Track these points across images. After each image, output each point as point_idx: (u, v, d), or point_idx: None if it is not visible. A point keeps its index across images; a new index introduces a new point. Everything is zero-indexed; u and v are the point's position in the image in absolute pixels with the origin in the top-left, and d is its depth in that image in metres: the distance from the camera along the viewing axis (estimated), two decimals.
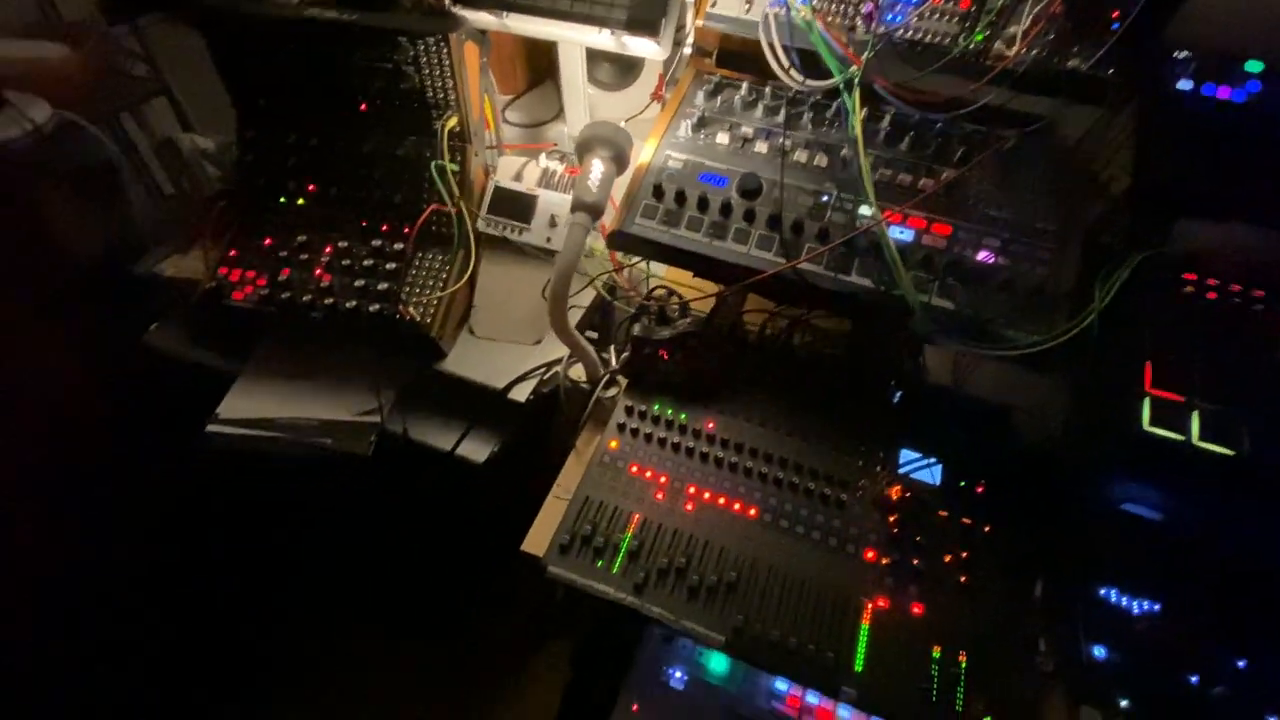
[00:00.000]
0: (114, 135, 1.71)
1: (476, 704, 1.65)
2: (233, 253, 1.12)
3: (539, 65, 1.61)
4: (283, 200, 1.14)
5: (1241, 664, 0.78)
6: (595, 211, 0.89)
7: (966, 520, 0.91)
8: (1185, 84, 0.93)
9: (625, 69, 1.44)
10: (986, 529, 0.91)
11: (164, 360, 1.23)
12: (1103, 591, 0.87)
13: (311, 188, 1.14)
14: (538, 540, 0.93)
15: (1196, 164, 0.91)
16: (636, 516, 0.91)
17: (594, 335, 1.32)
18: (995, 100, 0.93)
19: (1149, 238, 0.90)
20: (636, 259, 1.17)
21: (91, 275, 1.39)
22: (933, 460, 0.97)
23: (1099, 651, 0.83)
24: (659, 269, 1.18)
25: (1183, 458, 0.73)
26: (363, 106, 1.10)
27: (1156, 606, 0.85)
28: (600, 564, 0.87)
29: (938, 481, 0.95)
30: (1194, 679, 0.80)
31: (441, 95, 1.06)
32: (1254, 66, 0.93)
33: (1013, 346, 0.83)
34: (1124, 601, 0.86)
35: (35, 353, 1.28)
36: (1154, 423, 0.75)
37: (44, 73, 1.49)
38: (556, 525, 0.91)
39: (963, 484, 0.95)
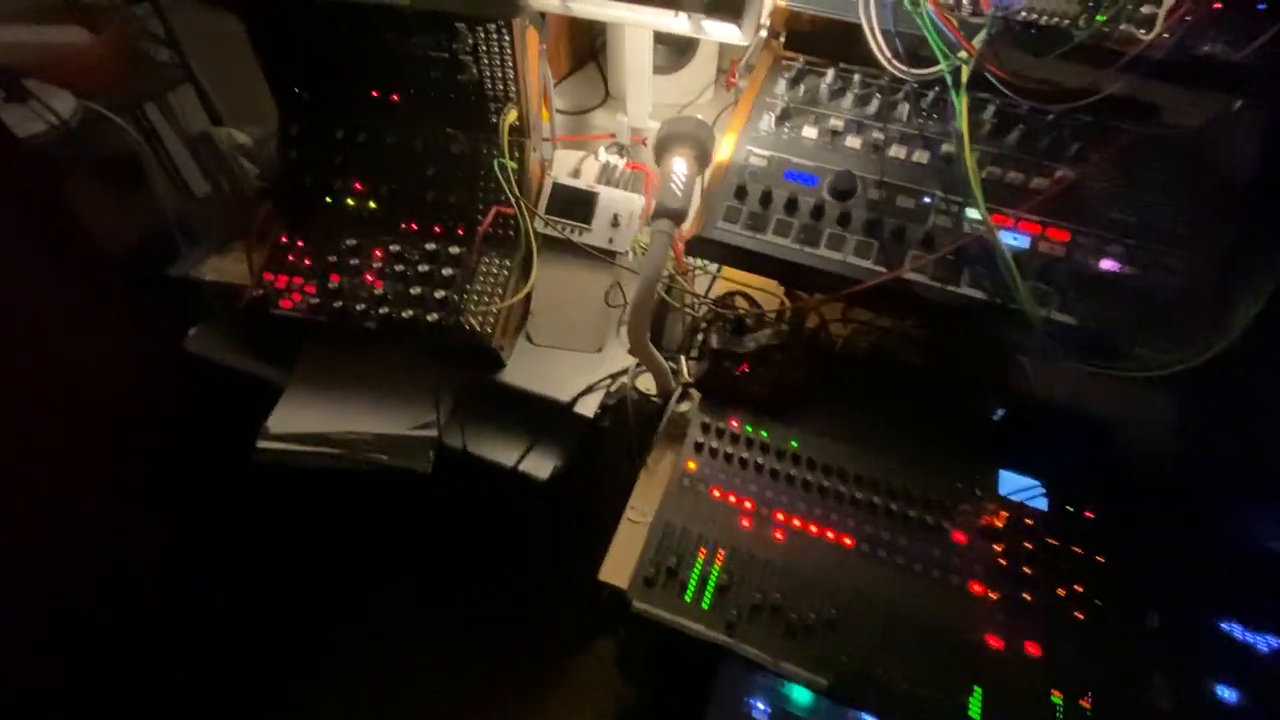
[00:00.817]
0: (138, 127, 1.64)
1: (520, 696, 1.62)
2: (277, 257, 1.05)
3: (581, 47, 1.52)
4: (329, 201, 1.07)
5: None
6: (680, 217, 0.82)
7: (1078, 549, 0.85)
8: None
9: (679, 51, 1.35)
10: (1099, 559, 0.84)
11: (205, 366, 1.18)
12: (1226, 626, 0.81)
13: (359, 187, 1.06)
14: (617, 568, 0.88)
15: None
16: (723, 546, 0.85)
17: None
18: (1119, 90, 0.84)
19: None
20: (701, 262, 1.10)
21: (123, 276, 1.33)
22: (1038, 483, 0.90)
23: (1225, 692, 0.77)
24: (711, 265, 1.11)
25: None
26: (415, 100, 1.01)
27: None
28: (688, 598, 0.81)
29: (1044, 507, 0.88)
30: None
31: (501, 86, 0.98)
32: None
33: (1144, 366, 0.75)
34: (1251, 638, 0.80)
35: (71, 356, 1.23)
36: None
37: (64, 60, 1.41)
38: (634, 552, 0.86)
39: (1071, 509, 0.88)
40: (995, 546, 0.85)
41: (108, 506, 1.27)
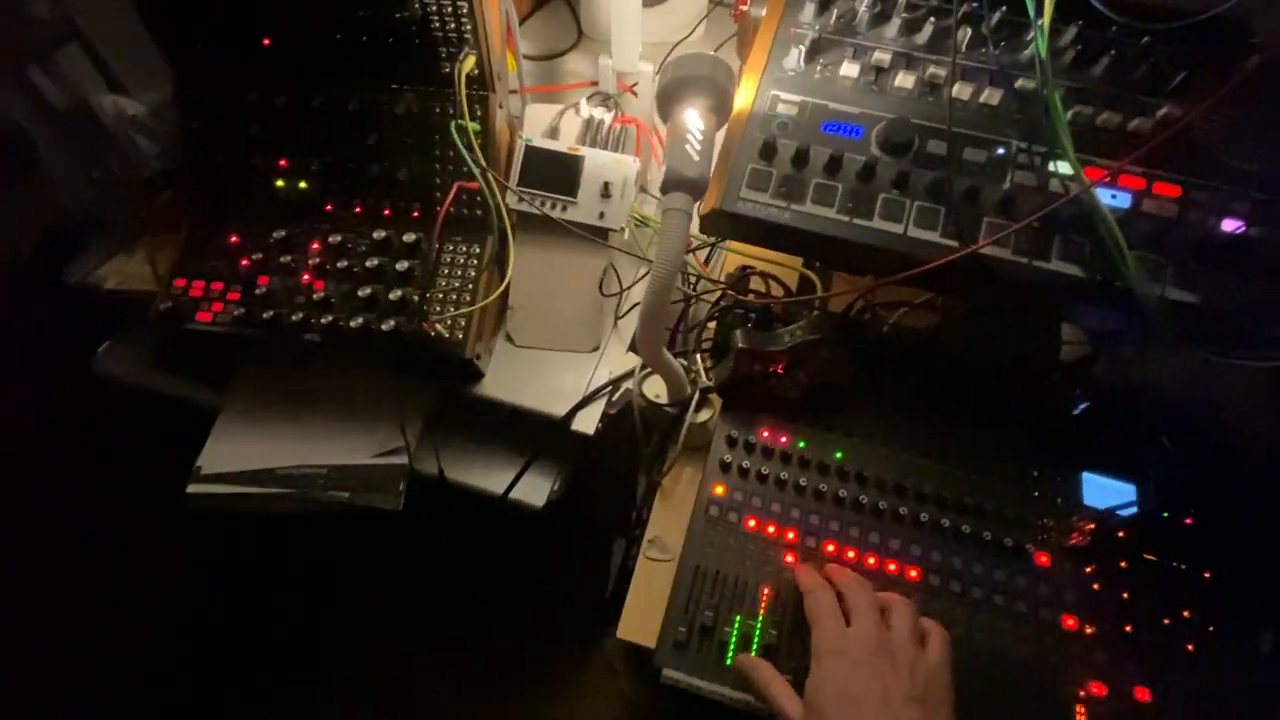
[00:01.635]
0: (23, 96, 1.37)
1: (526, 694, 1.50)
2: (189, 257, 0.84)
3: None
4: (248, 182, 0.86)
5: None
6: (699, 188, 0.64)
7: (1180, 565, 0.72)
8: None
9: None
10: (1206, 575, 0.72)
11: (120, 389, 0.98)
12: None
13: (283, 163, 0.85)
14: (639, 622, 0.73)
15: None
16: (766, 591, 0.70)
17: None
18: (1228, 10, 0.66)
19: None
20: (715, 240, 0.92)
21: (18, 282, 1.10)
22: (1128, 486, 0.76)
23: None
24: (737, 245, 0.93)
25: None
26: (342, 48, 0.79)
27: None
28: (729, 662, 0.67)
29: (1135, 513, 0.75)
30: None
31: (452, 25, 0.77)
32: None
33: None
34: None
35: None
36: None
37: None
38: (656, 599, 0.71)
39: (1166, 515, 0.75)
40: (1086, 569, 0.72)
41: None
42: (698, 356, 0.86)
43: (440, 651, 1.46)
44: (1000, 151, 0.69)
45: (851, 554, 0.72)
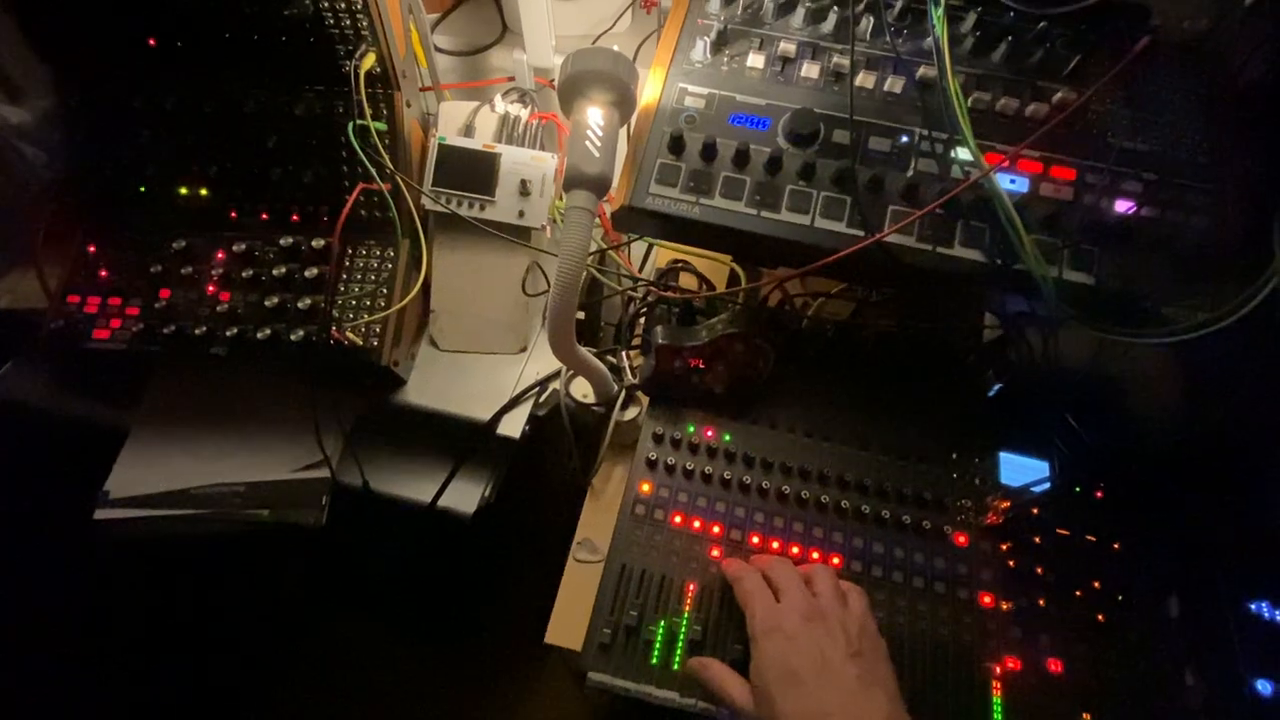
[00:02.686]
0: None
1: (490, 701, 1.48)
2: (82, 273, 0.80)
3: None
4: (143, 191, 0.82)
5: None
6: (601, 185, 0.62)
7: (1091, 538, 0.74)
8: None
9: None
10: (1115, 547, 0.74)
11: (23, 415, 0.93)
12: (1254, 607, 0.72)
13: (179, 168, 0.81)
14: (566, 627, 0.72)
15: None
16: (692, 587, 0.70)
17: (580, 316, 1.07)
18: None
19: None
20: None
21: None
22: (1042, 464, 0.78)
23: (1264, 686, 0.69)
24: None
25: None
26: (235, 47, 0.76)
27: None
28: (655, 661, 0.66)
29: (1048, 488, 0.77)
30: None
31: (348, 20, 0.74)
32: None
33: (1174, 330, 0.62)
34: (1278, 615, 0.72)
35: None
36: None
37: None
38: (584, 602, 0.70)
39: (1079, 490, 0.77)
40: (1002, 547, 0.73)
41: None
42: (624, 354, 0.85)
43: (393, 672, 1.43)
44: (904, 140, 0.69)
45: (776, 545, 0.72)
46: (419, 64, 0.88)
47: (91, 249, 0.82)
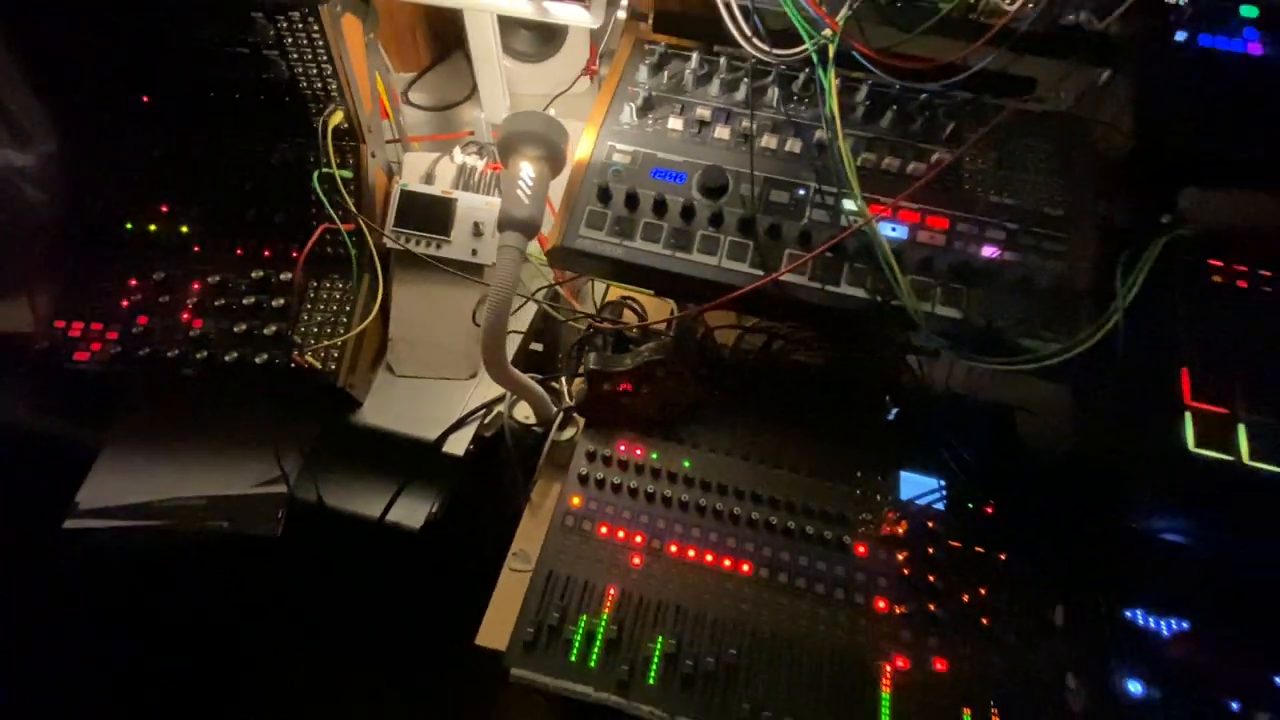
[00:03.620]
0: None
1: None
2: (70, 300, 0.88)
3: (445, 34, 1.38)
4: (129, 227, 0.90)
5: None
6: (530, 228, 0.72)
7: (980, 549, 0.81)
8: (1181, 34, 0.82)
9: (546, 36, 1.24)
10: (1002, 557, 0.81)
11: (3, 431, 0.99)
12: (1129, 614, 0.79)
13: (164, 209, 0.90)
14: (496, 629, 0.78)
15: (1198, 122, 0.81)
16: (612, 591, 0.76)
17: (538, 347, 1.15)
18: (990, 65, 0.79)
19: (1156, 211, 0.80)
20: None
21: None
22: (938, 481, 0.86)
23: (1134, 686, 0.75)
24: None
25: (1233, 481, 0.64)
26: (217, 104, 0.86)
27: (1185, 625, 0.78)
28: (574, 658, 0.72)
29: (943, 505, 0.85)
30: (1235, 705, 0.73)
31: (319, 84, 0.84)
32: (1249, 11, 0.83)
33: (1032, 359, 0.72)
34: (1154, 624, 0.79)
35: None
36: (1200, 443, 0.65)
37: None
38: (514, 607, 0.76)
39: (971, 506, 0.85)
40: (898, 556, 0.80)
41: None
42: (564, 380, 0.93)
43: (352, 695, 1.45)
44: (800, 193, 0.80)
45: (692, 553, 0.79)
46: (385, 117, 0.98)
47: (78, 279, 0.89)
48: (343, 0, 0.81)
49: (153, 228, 0.90)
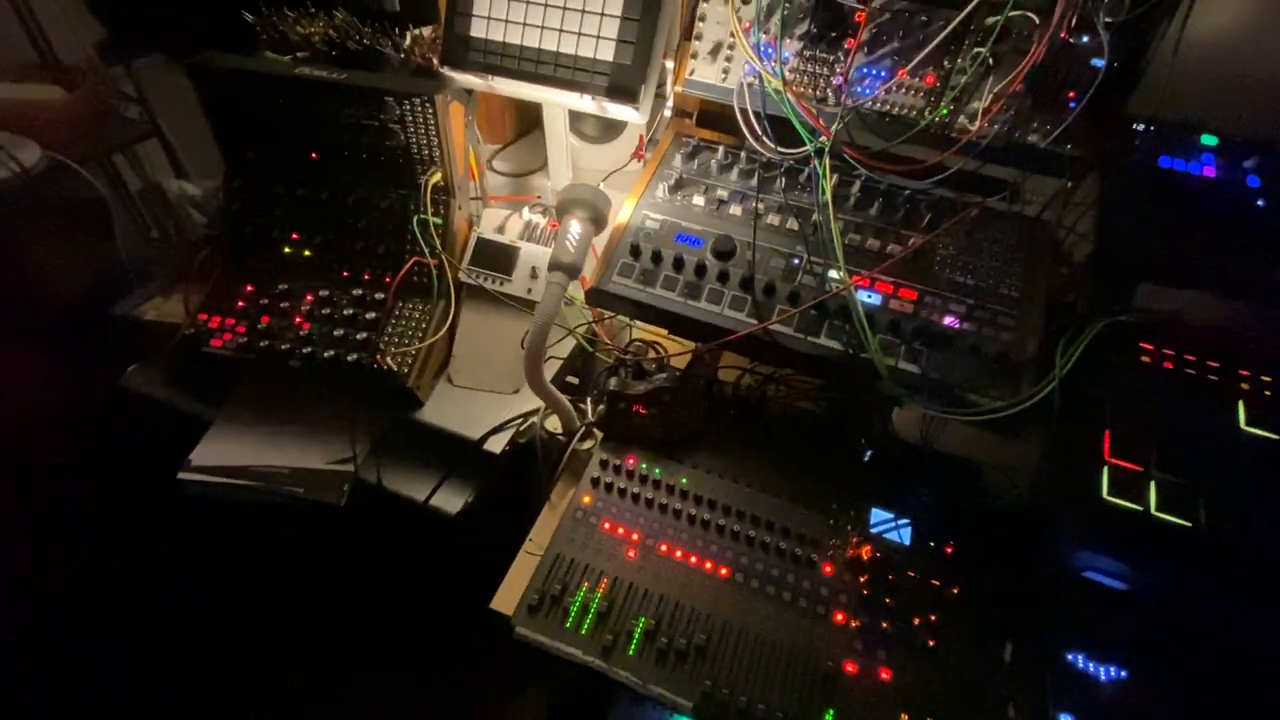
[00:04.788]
0: (105, 176, 1.73)
1: None
2: (213, 299, 1.12)
3: (528, 115, 1.66)
4: (266, 248, 1.15)
5: None
6: (572, 271, 0.91)
7: (935, 582, 0.92)
8: (1144, 156, 0.97)
9: (609, 124, 1.48)
10: (955, 591, 0.91)
11: (141, 402, 1.23)
12: (1070, 657, 0.87)
13: (295, 236, 1.15)
14: (507, 598, 0.93)
15: (1155, 232, 0.95)
16: (607, 575, 0.90)
17: (574, 380, 1.34)
18: (963, 169, 0.96)
19: (1110, 304, 0.93)
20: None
21: (74, 314, 1.39)
22: (903, 520, 0.97)
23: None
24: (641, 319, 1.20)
25: (1141, 528, 0.75)
26: (349, 160, 1.12)
27: (1124, 673, 0.85)
28: (569, 625, 0.86)
29: (908, 542, 0.96)
30: None
31: (426, 151, 1.09)
32: (1209, 140, 0.98)
33: (978, 411, 0.85)
34: (1091, 668, 0.86)
35: (11, 387, 1.27)
36: (1113, 492, 0.76)
37: (37, 115, 1.52)
38: (525, 583, 0.91)
39: (932, 544, 0.95)
40: (860, 578, 0.91)
41: (32, 534, 1.29)
42: (589, 400, 1.10)
43: (380, 704, 1.60)
44: (795, 261, 0.97)
45: (679, 554, 0.93)
46: (473, 179, 1.22)
47: (222, 284, 1.14)
48: (452, 91, 1.06)
49: (284, 250, 1.15)
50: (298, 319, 1.10)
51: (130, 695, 1.49)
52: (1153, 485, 0.76)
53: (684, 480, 1.00)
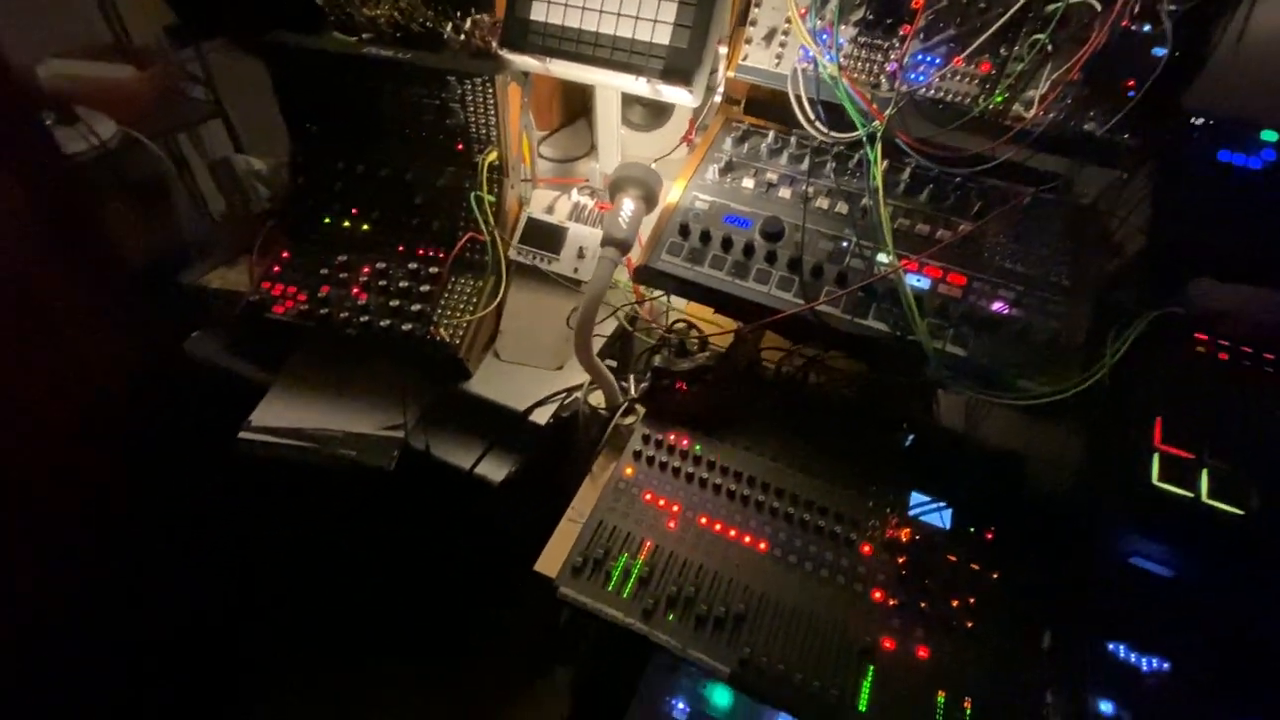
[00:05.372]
0: (169, 153, 1.81)
1: None
2: (276, 268, 1.17)
3: (574, 104, 1.69)
4: (327, 221, 1.20)
5: None
6: (624, 247, 0.94)
7: (975, 566, 0.92)
8: (1202, 150, 0.96)
9: (657, 112, 1.51)
10: (995, 576, 0.91)
11: (202, 367, 1.29)
12: (1112, 646, 0.87)
13: (355, 211, 1.20)
14: (551, 561, 0.95)
15: (1211, 227, 0.94)
16: (648, 543, 0.93)
17: (612, 364, 1.36)
18: (1014, 158, 0.96)
19: (1162, 297, 0.92)
20: (659, 293, 1.22)
21: (138, 282, 1.46)
22: (943, 504, 0.98)
23: (1106, 707, 0.82)
24: (678, 303, 1.22)
25: (1191, 515, 0.74)
26: (408, 138, 1.16)
27: (1166, 665, 0.84)
28: (610, 588, 0.88)
29: (947, 526, 0.96)
30: None
31: (484, 131, 1.12)
32: (1269, 136, 0.97)
33: (1024, 396, 0.85)
34: (1133, 658, 0.86)
35: (80, 352, 1.34)
36: (1163, 478, 0.76)
37: (112, 91, 1.60)
38: (569, 548, 0.94)
39: (972, 530, 0.96)
40: (899, 559, 0.92)
41: (96, 490, 1.36)
42: (632, 378, 1.13)
43: (398, 670, 1.66)
44: (843, 245, 0.98)
45: (718, 527, 0.95)
46: (525, 162, 1.25)
47: (285, 255, 1.19)
48: (512, 73, 1.10)
49: (344, 224, 1.19)
50: (355, 290, 1.15)
51: (179, 651, 1.56)
52: (1204, 472, 0.76)
53: (724, 457, 1.02)
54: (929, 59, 0.98)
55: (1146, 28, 0.88)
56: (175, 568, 1.54)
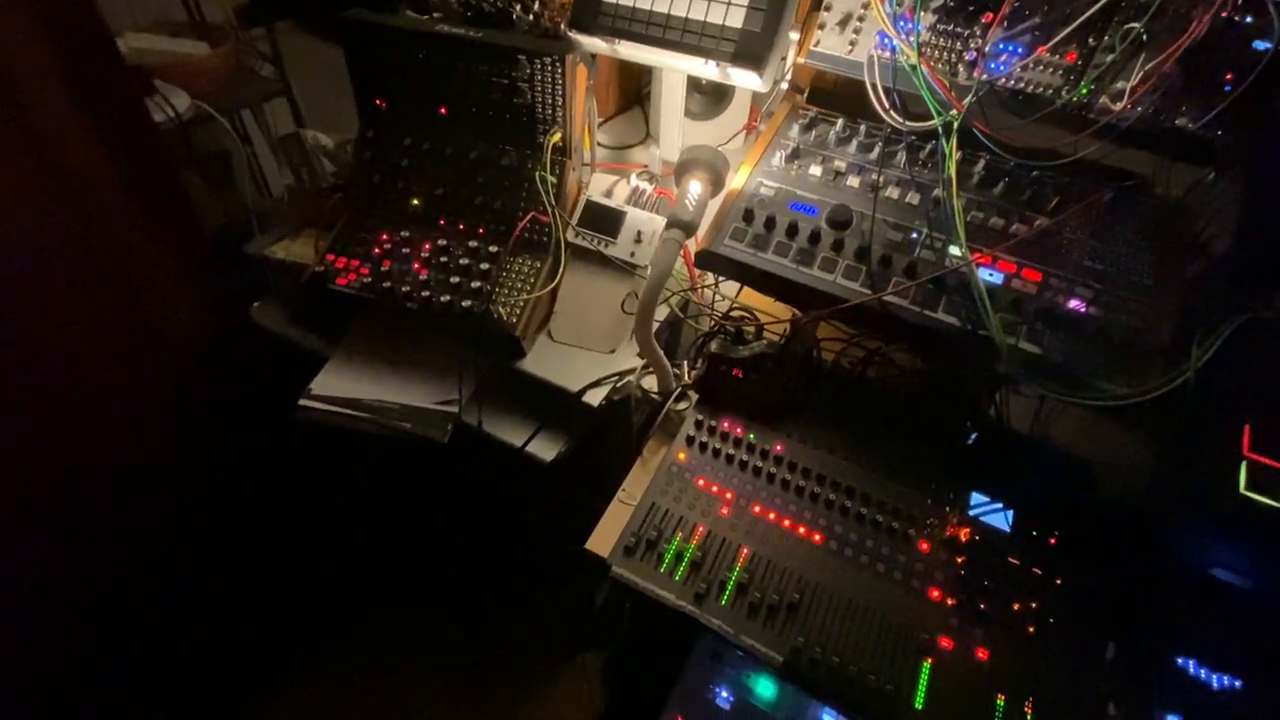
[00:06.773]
0: (234, 128, 1.86)
1: (504, 706, 1.67)
2: (340, 241, 1.20)
3: (629, 92, 1.68)
4: (391, 197, 1.22)
5: None
6: (689, 229, 0.93)
7: (1037, 570, 0.90)
8: None
9: (715, 100, 1.50)
10: (1058, 581, 0.89)
11: (265, 335, 1.32)
12: (1181, 661, 0.84)
13: (418, 188, 1.21)
14: (602, 541, 0.96)
15: None
16: (701, 528, 0.92)
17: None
18: (1095, 154, 0.93)
19: (1252, 300, 0.88)
20: (711, 280, 1.21)
21: (211, 251, 1.50)
22: (1005, 506, 0.95)
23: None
24: (729, 290, 1.21)
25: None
26: (475, 117, 1.17)
27: (1239, 683, 0.81)
28: (663, 570, 0.88)
29: (1008, 528, 0.94)
30: None
31: (550, 111, 1.13)
32: None
33: (1101, 397, 0.82)
34: (1203, 673, 0.83)
35: (160, 315, 1.37)
36: (1250, 487, 0.72)
37: (186, 67, 1.65)
38: (620, 529, 0.94)
39: (1035, 533, 0.93)
40: (958, 559, 0.90)
41: (161, 449, 1.41)
42: (685, 363, 1.12)
43: (431, 656, 1.70)
44: (914, 236, 0.96)
45: (773, 516, 0.94)
46: (585, 147, 1.26)
47: (349, 228, 1.22)
48: (580, 53, 1.10)
49: (409, 201, 1.21)
50: (416, 265, 1.16)
51: (247, 605, 1.62)
52: None
53: (779, 447, 1.01)
54: (1011, 48, 0.95)
55: (1249, 19, 0.84)
56: (239, 527, 1.59)
